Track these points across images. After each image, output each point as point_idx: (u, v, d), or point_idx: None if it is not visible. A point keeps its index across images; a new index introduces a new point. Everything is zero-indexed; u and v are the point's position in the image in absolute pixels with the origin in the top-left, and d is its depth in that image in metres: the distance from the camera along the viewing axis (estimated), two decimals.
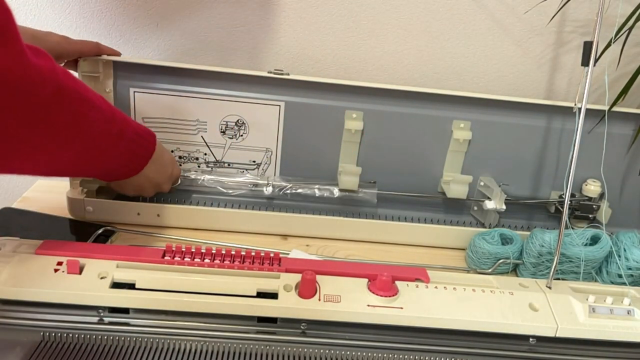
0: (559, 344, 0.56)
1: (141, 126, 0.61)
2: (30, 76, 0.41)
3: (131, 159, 0.61)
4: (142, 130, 0.61)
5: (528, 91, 0.84)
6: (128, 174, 0.63)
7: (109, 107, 0.54)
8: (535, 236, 0.69)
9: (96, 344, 0.51)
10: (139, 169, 0.63)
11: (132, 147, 0.59)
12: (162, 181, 0.68)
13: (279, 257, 0.59)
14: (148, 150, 0.63)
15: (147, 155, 0.63)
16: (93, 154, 0.54)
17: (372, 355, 0.53)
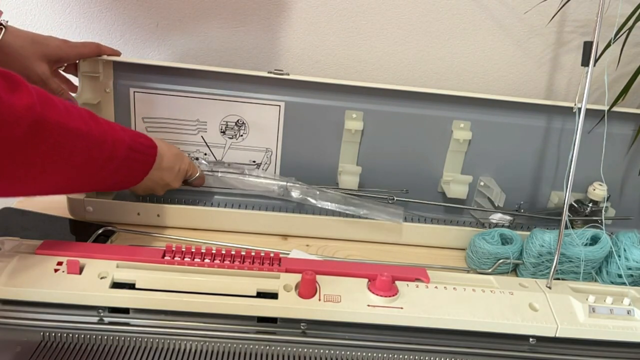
0: (559, 344, 0.56)
1: (138, 139, 0.59)
2: (2, 115, 0.41)
3: (128, 174, 0.60)
4: (139, 144, 0.59)
5: (528, 91, 0.84)
6: (128, 185, 0.63)
7: (100, 129, 0.52)
8: (535, 236, 0.69)
9: (96, 344, 0.51)
10: (139, 180, 0.63)
11: (127, 164, 0.58)
12: (169, 181, 0.67)
13: (279, 257, 0.59)
14: (146, 164, 0.62)
15: (145, 168, 0.62)
16: (83, 177, 0.53)
17: (372, 355, 0.53)
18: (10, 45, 0.61)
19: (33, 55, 0.63)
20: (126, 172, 0.59)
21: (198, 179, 0.72)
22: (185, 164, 0.69)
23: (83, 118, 0.50)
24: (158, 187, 0.67)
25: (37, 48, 0.63)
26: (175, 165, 0.67)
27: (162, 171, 0.65)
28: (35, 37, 0.63)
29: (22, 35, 0.62)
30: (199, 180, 0.72)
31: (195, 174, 0.71)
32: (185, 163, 0.69)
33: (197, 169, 0.71)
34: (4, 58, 0.61)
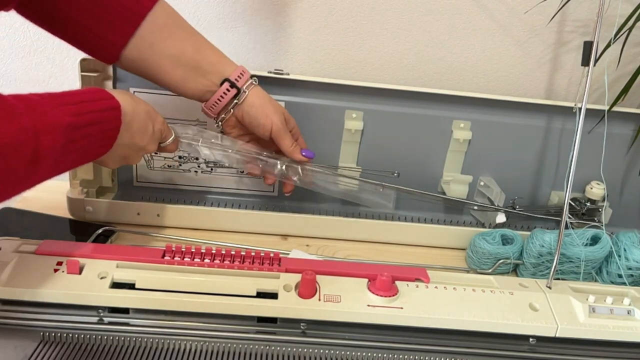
0: (559, 344, 0.56)
1: (87, 107, 0.49)
2: None
3: (84, 152, 0.50)
4: (89, 115, 0.49)
5: (528, 91, 0.84)
6: (96, 156, 0.53)
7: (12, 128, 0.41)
8: (535, 236, 0.69)
9: (96, 344, 0.51)
10: (102, 152, 0.53)
11: (75, 147, 0.48)
12: (144, 144, 0.57)
13: (279, 257, 0.59)
14: (108, 133, 0.52)
15: (107, 139, 0.52)
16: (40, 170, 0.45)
17: (372, 355, 0.53)
18: (254, 104, 0.62)
19: (274, 108, 0.62)
20: (79, 154, 0.49)
21: (171, 144, 0.62)
22: (159, 123, 0.59)
23: None
24: (131, 153, 0.57)
25: (274, 104, 0.63)
26: (148, 124, 0.57)
27: (132, 134, 0.55)
28: (265, 104, 0.62)
29: (261, 93, 0.63)
30: (172, 146, 0.62)
31: (169, 136, 0.61)
32: (159, 122, 0.59)
33: (171, 131, 0.62)
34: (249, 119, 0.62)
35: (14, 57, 0.82)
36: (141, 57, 0.57)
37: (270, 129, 0.62)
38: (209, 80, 0.60)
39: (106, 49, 0.56)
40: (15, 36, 0.80)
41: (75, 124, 0.46)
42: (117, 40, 0.56)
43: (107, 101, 0.51)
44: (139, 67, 0.59)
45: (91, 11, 0.54)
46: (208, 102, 0.61)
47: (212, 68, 0.60)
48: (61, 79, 0.83)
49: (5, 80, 0.83)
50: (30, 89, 0.85)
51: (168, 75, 0.59)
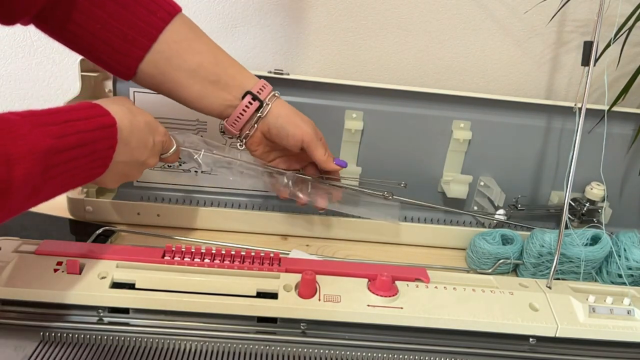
0: (559, 344, 0.56)
1: (74, 127, 0.45)
2: None
3: (81, 171, 0.47)
4: (76, 136, 0.45)
5: (528, 91, 0.84)
6: (90, 179, 0.49)
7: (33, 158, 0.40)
8: (535, 236, 0.69)
9: (96, 344, 0.51)
10: (102, 170, 0.50)
11: (57, 173, 0.44)
12: (144, 159, 0.54)
13: (279, 257, 0.59)
14: (101, 153, 0.48)
15: (102, 160, 0.48)
16: None
17: (372, 355, 0.53)
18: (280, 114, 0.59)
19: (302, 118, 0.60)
20: (66, 179, 0.45)
21: (173, 155, 0.59)
22: (160, 134, 0.56)
23: None
24: (131, 170, 0.54)
25: (301, 114, 0.61)
26: (149, 137, 0.54)
27: (131, 150, 0.51)
28: (292, 115, 0.60)
29: (285, 105, 0.61)
30: (173, 156, 0.59)
31: (171, 147, 0.58)
32: (160, 133, 0.56)
33: (172, 141, 0.59)
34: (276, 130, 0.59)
35: (14, 57, 0.82)
36: (159, 72, 0.55)
37: (302, 139, 0.59)
38: (229, 94, 0.58)
39: (123, 63, 0.55)
40: (15, 36, 0.80)
41: (57, 147, 0.42)
42: (134, 53, 0.54)
43: (100, 119, 0.48)
44: (156, 82, 0.56)
45: (108, 24, 0.52)
46: (229, 118, 0.59)
47: (233, 81, 0.57)
48: (61, 79, 0.83)
49: (5, 80, 0.83)
50: (30, 89, 0.85)
51: (186, 90, 0.57)
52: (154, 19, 0.53)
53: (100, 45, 0.53)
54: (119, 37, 0.53)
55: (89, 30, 0.52)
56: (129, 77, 0.56)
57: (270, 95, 0.59)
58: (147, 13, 0.53)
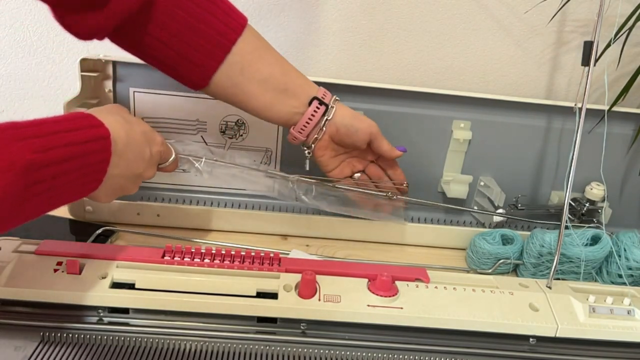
0: (559, 344, 0.56)
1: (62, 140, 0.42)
2: None
3: (70, 187, 0.44)
4: (76, 150, 0.43)
5: (528, 91, 0.84)
6: (82, 194, 0.47)
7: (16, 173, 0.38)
8: (535, 236, 0.69)
9: (96, 344, 0.51)
10: (95, 185, 0.47)
11: (72, 178, 0.43)
12: (141, 171, 0.53)
13: (279, 257, 0.59)
14: (98, 165, 0.46)
15: (99, 169, 0.46)
16: None
17: (372, 355, 0.53)
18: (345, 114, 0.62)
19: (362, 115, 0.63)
20: (53, 196, 0.42)
21: (171, 164, 0.59)
22: (158, 144, 0.55)
23: None
24: (128, 183, 0.52)
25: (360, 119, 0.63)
26: (145, 148, 0.52)
27: (127, 163, 0.50)
28: (355, 114, 0.63)
29: (345, 106, 0.63)
30: (171, 166, 0.59)
31: (169, 157, 0.58)
32: (158, 143, 0.55)
33: (171, 150, 0.58)
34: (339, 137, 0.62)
35: (14, 57, 0.82)
36: (231, 83, 0.56)
37: (370, 131, 0.62)
38: (297, 101, 0.59)
39: (197, 74, 0.55)
40: (15, 36, 0.80)
41: (40, 162, 0.39)
42: (208, 65, 0.55)
43: (92, 130, 0.45)
44: (228, 93, 0.58)
45: (185, 36, 0.53)
46: (297, 124, 0.60)
47: (299, 89, 0.59)
48: (61, 79, 0.83)
49: (5, 80, 0.83)
50: (30, 89, 0.85)
51: (257, 100, 0.58)
52: (227, 31, 0.54)
53: (176, 57, 0.54)
54: (195, 49, 0.53)
55: (166, 42, 0.53)
56: (201, 87, 0.57)
57: (333, 99, 0.61)
58: (221, 25, 0.54)
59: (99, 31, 0.52)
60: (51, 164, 0.40)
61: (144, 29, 0.52)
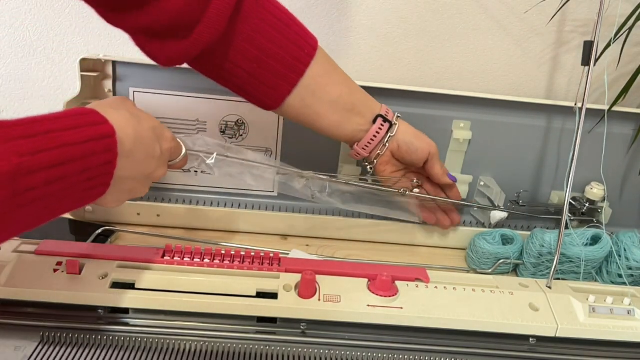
0: (559, 344, 0.56)
1: (76, 135, 0.39)
2: None
3: (70, 193, 0.40)
4: (75, 150, 0.38)
5: (528, 91, 0.84)
6: (86, 201, 0.43)
7: None
8: (535, 236, 0.69)
9: (96, 344, 0.51)
10: (102, 190, 0.43)
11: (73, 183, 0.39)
12: (151, 171, 0.48)
13: (279, 257, 0.59)
14: (102, 167, 0.41)
15: (104, 172, 0.42)
16: None
17: (372, 355, 0.53)
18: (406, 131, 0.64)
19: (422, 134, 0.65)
20: (50, 204, 0.39)
21: (181, 161, 0.55)
22: (169, 141, 0.51)
23: None
24: (137, 185, 0.48)
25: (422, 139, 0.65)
26: (155, 146, 0.48)
27: (136, 163, 0.45)
28: (416, 132, 0.65)
29: (407, 124, 0.65)
30: (181, 162, 0.55)
31: (180, 153, 0.54)
32: (168, 139, 0.51)
33: (181, 146, 0.55)
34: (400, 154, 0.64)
35: (14, 57, 0.82)
36: (303, 104, 0.58)
37: (429, 151, 0.64)
38: (362, 119, 0.61)
39: (271, 97, 0.56)
40: (15, 36, 0.80)
41: (29, 166, 0.34)
42: (283, 88, 0.56)
43: (94, 127, 0.40)
44: (299, 113, 0.59)
45: (262, 61, 0.54)
46: (361, 141, 0.62)
47: (364, 107, 0.61)
48: (61, 79, 0.83)
49: (5, 80, 0.83)
50: (30, 89, 0.85)
51: (326, 120, 0.59)
52: (302, 55, 0.55)
53: (252, 81, 0.55)
54: (271, 73, 0.55)
55: (244, 67, 0.54)
56: (274, 108, 0.58)
57: (395, 117, 0.63)
58: (296, 49, 0.55)
59: (180, 59, 0.52)
60: (43, 168, 0.35)
61: (224, 55, 0.53)
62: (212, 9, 0.49)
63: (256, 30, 0.53)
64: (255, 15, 0.52)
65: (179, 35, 0.50)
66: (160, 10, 0.47)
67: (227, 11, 0.50)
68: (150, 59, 0.53)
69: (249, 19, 0.52)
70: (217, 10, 0.49)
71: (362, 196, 0.68)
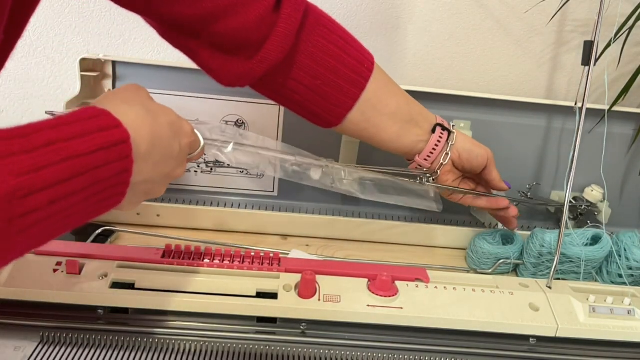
0: (559, 344, 0.56)
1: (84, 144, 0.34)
2: None
3: (82, 208, 0.35)
4: (84, 162, 0.34)
5: (528, 91, 0.84)
6: (100, 213, 0.38)
7: None
8: (535, 236, 0.69)
9: (96, 344, 0.51)
10: (118, 200, 0.39)
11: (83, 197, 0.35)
12: (169, 170, 0.44)
13: (279, 257, 0.59)
14: (117, 177, 0.37)
15: (119, 181, 0.37)
16: None
17: (372, 355, 0.53)
18: (464, 139, 0.63)
19: None
20: (59, 221, 0.34)
21: (198, 154, 0.51)
22: (188, 135, 0.46)
23: None
24: (155, 187, 0.44)
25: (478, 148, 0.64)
26: (174, 143, 0.44)
27: (155, 164, 0.41)
28: (472, 139, 0.64)
29: (463, 133, 0.64)
30: (199, 154, 0.51)
31: (198, 145, 0.50)
32: (188, 133, 0.46)
33: (199, 138, 0.50)
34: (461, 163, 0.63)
35: (14, 57, 0.81)
36: (364, 119, 0.57)
37: (487, 157, 0.64)
38: (420, 130, 0.60)
39: (333, 113, 0.56)
40: None
41: (30, 186, 0.30)
42: (345, 104, 0.56)
43: (106, 133, 0.35)
44: (359, 128, 0.58)
45: (326, 78, 0.54)
46: (422, 152, 0.61)
47: (421, 118, 0.60)
48: (61, 79, 0.83)
49: (5, 80, 0.83)
50: (30, 89, 0.85)
51: (386, 133, 0.59)
52: (362, 70, 0.55)
53: (315, 98, 0.55)
54: (334, 89, 0.55)
55: (307, 85, 0.54)
56: (335, 125, 0.58)
57: (452, 125, 0.63)
58: (356, 64, 0.55)
59: (245, 79, 0.52)
60: (47, 187, 0.31)
61: (287, 73, 0.53)
62: (280, 28, 0.49)
63: (319, 48, 0.53)
64: (317, 33, 0.53)
65: (244, 55, 0.50)
66: (227, 27, 0.48)
67: (294, 31, 0.50)
68: (214, 79, 0.53)
69: (311, 37, 0.53)
70: (284, 29, 0.49)
71: (381, 184, 0.67)
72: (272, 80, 0.54)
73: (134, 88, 0.44)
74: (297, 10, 0.50)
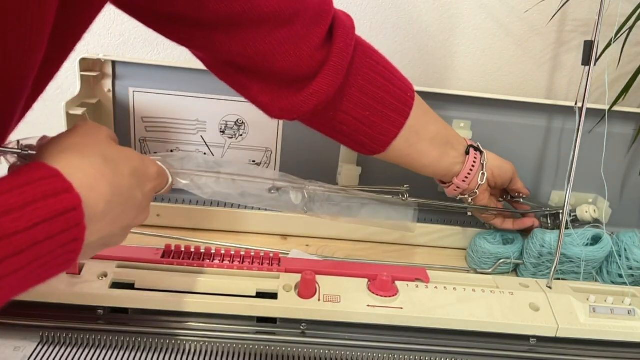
0: (559, 344, 0.56)
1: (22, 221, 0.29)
2: None
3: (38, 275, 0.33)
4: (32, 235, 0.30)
5: (528, 91, 0.84)
6: (53, 275, 0.35)
7: None
8: (535, 236, 0.69)
9: (96, 344, 0.51)
10: (66, 266, 0.35)
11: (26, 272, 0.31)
12: (129, 222, 0.40)
13: (279, 257, 0.59)
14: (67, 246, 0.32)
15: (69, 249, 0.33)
16: None
17: (372, 355, 0.53)
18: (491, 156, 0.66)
19: None
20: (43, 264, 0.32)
21: (166, 190, 0.48)
22: (152, 179, 0.42)
23: None
24: (113, 240, 0.39)
25: None
26: (136, 193, 0.39)
27: (112, 221, 0.37)
28: (495, 155, 0.66)
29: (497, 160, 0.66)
30: (166, 191, 0.48)
31: (165, 182, 0.47)
32: (152, 177, 0.42)
33: (166, 175, 0.47)
34: None
35: None
36: (407, 145, 0.58)
37: (513, 171, 0.67)
38: (456, 152, 0.62)
39: (379, 142, 0.57)
40: None
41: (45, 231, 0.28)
42: (391, 132, 0.56)
43: (54, 200, 0.30)
44: (403, 155, 0.59)
45: (373, 108, 0.54)
46: (460, 174, 0.62)
47: (455, 140, 0.62)
48: (61, 79, 0.83)
49: None
50: None
51: (427, 157, 0.60)
52: (406, 98, 0.56)
53: (362, 129, 0.56)
54: (381, 119, 0.55)
55: (355, 116, 0.55)
56: (380, 152, 0.58)
57: (477, 144, 0.65)
58: (400, 93, 0.56)
59: (295, 112, 0.52)
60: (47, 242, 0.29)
61: (339, 107, 0.54)
62: (332, 62, 0.49)
63: (367, 80, 0.54)
64: (365, 65, 0.54)
65: (294, 88, 0.50)
66: (280, 65, 0.48)
67: (345, 65, 0.50)
68: (262, 110, 0.53)
69: (360, 70, 0.53)
70: (336, 64, 0.49)
71: (363, 204, 0.66)
72: (322, 114, 0.54)
73: (91, 130, 0.39)
74: (349, 44, 0.50)
